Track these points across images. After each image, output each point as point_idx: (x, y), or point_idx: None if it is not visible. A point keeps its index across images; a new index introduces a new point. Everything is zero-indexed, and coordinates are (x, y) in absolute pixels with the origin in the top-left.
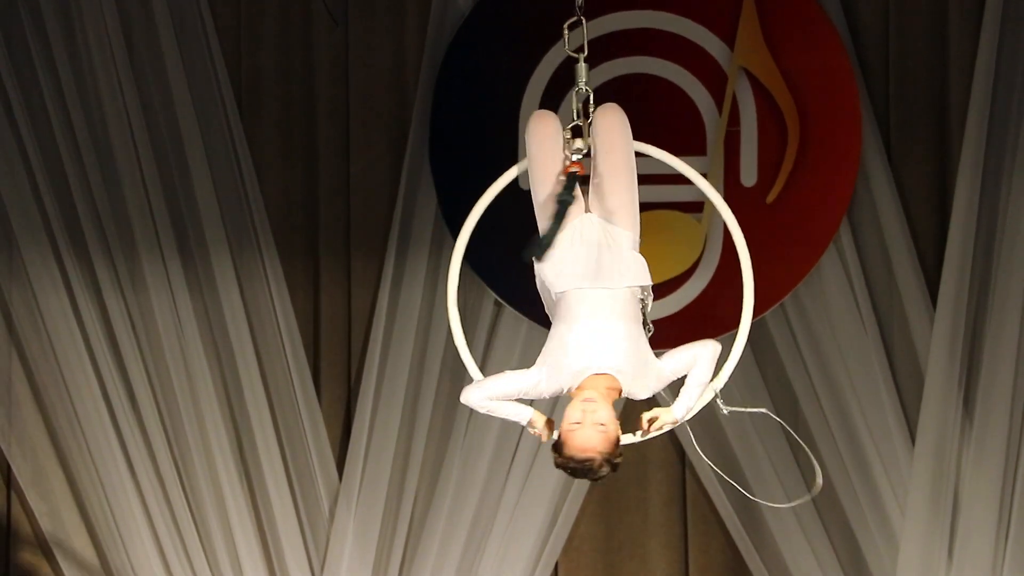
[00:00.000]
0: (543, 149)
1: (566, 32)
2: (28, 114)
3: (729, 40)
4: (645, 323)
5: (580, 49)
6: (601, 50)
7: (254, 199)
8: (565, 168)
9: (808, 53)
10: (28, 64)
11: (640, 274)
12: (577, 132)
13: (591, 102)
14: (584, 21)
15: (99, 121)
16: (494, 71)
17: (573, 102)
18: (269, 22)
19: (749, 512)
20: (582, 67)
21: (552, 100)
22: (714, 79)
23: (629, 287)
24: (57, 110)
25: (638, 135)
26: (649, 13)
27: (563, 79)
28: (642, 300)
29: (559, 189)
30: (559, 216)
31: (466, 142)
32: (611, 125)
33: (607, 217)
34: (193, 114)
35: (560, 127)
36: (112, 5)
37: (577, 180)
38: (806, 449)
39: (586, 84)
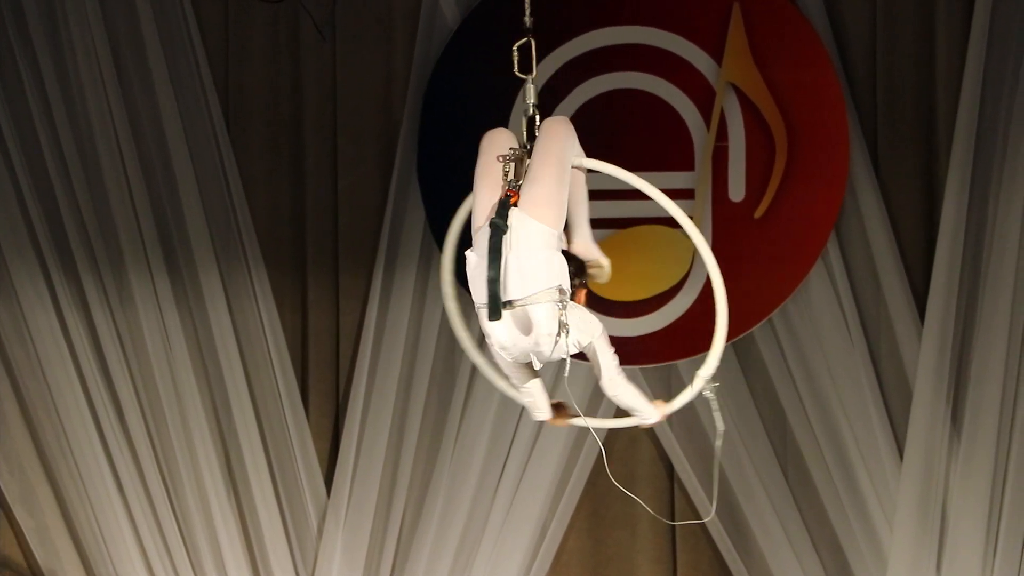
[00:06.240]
0: (490, 161)
1: (515, 53)
2: (15, 130)
3: (717, 56)
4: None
5: (529, 69)
6: (589, 65)
7: (242, 215)
8: (504, 193)
9: (796, 68)
10: (15, 80)
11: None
12: (518, 158)
13: (537, 122)
14: (533, 42)
15: (87, 137)
16: (482, 86)
17: (523, 123)
18: (256, 38)
19: (737, 528)
20: (530, 87)
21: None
22: (702, 94)
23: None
24: (44, 126)
25: (627, 150)
26: (637, 29)
27: (551, 94)
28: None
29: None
30: (495, 248)
31: (454, 157)
32: (549, 128)
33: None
34: (181, 130)
35: (513, 140)
36: (100, 22)
37: (510, 207)
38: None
39: (534, 104)
